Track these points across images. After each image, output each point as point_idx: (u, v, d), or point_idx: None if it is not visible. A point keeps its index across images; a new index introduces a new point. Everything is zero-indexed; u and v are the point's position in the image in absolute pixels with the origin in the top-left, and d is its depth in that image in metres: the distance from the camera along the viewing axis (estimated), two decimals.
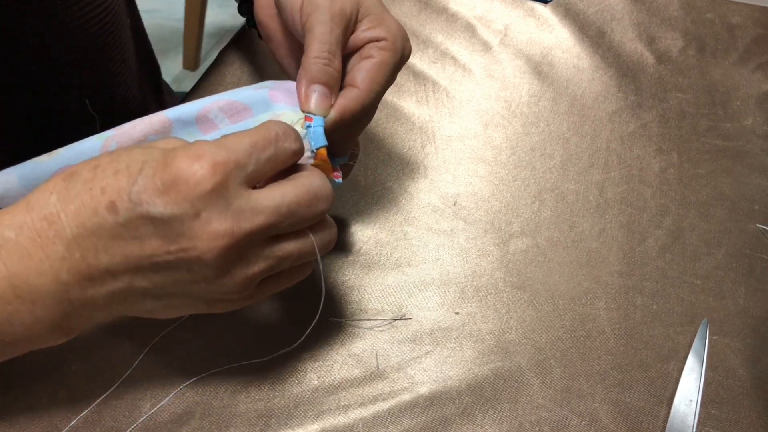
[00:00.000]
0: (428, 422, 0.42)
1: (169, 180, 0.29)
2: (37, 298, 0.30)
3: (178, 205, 0.29)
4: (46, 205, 0.30)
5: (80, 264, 0.30)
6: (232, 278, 0.31)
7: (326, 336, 0.45)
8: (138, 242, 0.30)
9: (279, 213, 0.31)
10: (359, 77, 0.38)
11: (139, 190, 0.29)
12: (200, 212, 0.29)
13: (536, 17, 0.70)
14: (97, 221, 0.29)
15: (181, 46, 1.65)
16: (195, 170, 0.29)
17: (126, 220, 0.29)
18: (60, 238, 0.29)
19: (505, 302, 0.48)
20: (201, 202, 0.29)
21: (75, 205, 0.29)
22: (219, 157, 0.29)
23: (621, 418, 0.43)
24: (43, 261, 0.30)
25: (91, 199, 0.29)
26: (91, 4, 0.47)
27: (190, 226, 0.29)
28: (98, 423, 0.40)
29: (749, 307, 0.49)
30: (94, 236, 0.29)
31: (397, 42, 0.39)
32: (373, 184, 0.55)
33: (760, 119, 0.62)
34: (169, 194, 0.29)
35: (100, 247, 0.30)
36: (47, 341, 0.33)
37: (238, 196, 0.30)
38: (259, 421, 0.41)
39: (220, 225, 0.29)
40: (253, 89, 0.38)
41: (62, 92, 0.49)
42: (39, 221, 0.30)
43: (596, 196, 0.55)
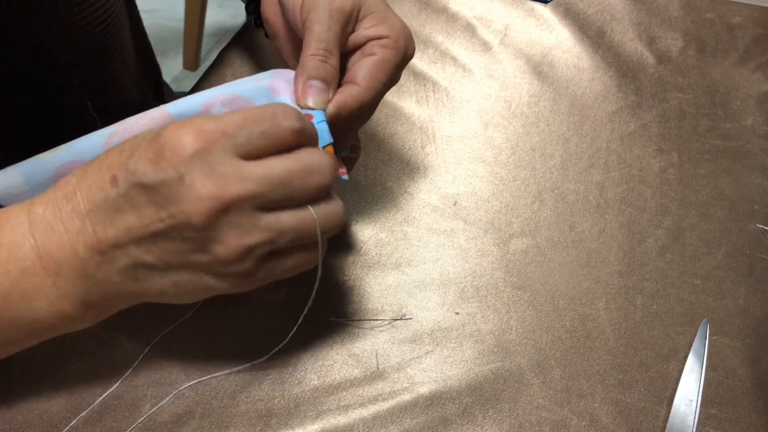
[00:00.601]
0: (428, 422, 0.42)
1: (158, 148, 0.30)
2: (59, 270, 0.32)
3: (165, 171, 0.30)
4: (67, 185, 0.33)
5: (92, 238, 0.32)
6: (227, 248, 0.31)
7: (326, 336, 0.45)
8: (136, 212, 0.31)
9: (269, 181, 0.31)
10: (360, 74, 0.38)
11: (134, 161, 0.31)
12: (184, 176, 0.30)
13: (536, 17, 0.70)
14: (103, 195, 0.31)
15: (181, 46, 1.65)
16: (180, 136, 0.30)
17: (125, 191, 0.31)
18: (76, 212, 0.32)
19: (505, 302, 0.48)
20: (184, 165, 0.30)
21: (87, 183, 0.32)
22: (206, 125, 0.31)
23: (621, 418, 0.43)
24: (62, 234, 0.32)
25: (99, 176, 0.32)
26: (92, 6, 0.47)
27: (177, 190, 0.30)
28: (98, 423, 0.40)
29: (749, 307, 0.49)
30: (102, 210, 0.31)
31: (400, 40, 0.39)
32: (373, 184, 0.55)
33: (760, 119, 0.62)
34: (157, 161, 0.30)
35: (107, 220, 0.32)
36: (75, 321, 0.35)
37: (224, 163, 0.30)
38: (259, 421, 0.41)
39: (204, 188, 0.30)
40: (254, 81, 0.38)
41: (62, 92, 0.49)
42: (61, 199, 0.32)
43: (596, 196, 0.55)
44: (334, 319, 0.46)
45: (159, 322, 0.45)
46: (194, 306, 0.45)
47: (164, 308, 0.45)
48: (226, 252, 0.31)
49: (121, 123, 0.37)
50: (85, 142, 0.37)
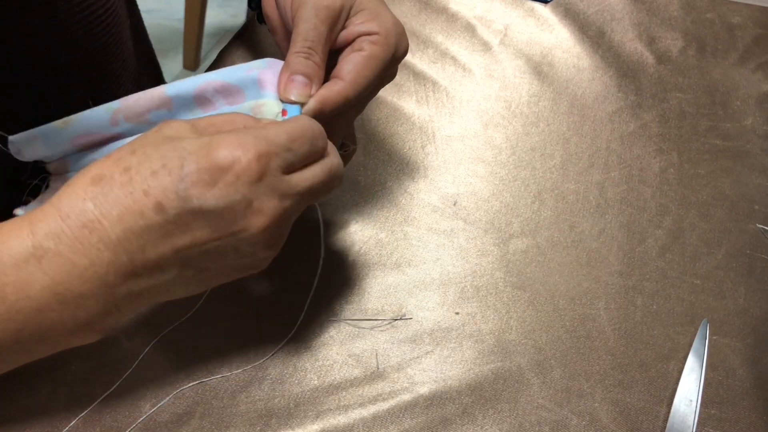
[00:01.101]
0: (428, 422, 0.42)
1: (216, 171, 0.29)
2: (81, 302, 0.30)
3: (230, 196, 0.30)
4: (83, 213, 0.29)
5: (128, 266, 0.30)
6: (274, 249, 0.34)
7: (326, 336, 0.45)
8: (189, 234, 0.30)
9: (311, 193, 0.34)
10: (345, 69, 0.38)
11: (186, 187, 0.29)
12: (252, 201, 0.30)
13: (536, 17, 0.70)
14: (145, 223, 0.29)
15: (181, 46, 1.65)
16: (241, 160, 0.30)
17: (175, 217, 0.29)
18: (104, 243, 0.29)
19: (505, 302, 0.48)
20: (251, 190, 0.30)
21: (117, 211, 0.29)
22: (262, 147, 0.31)
23: (621, 418, 0.43)
24: (87, 268, 0.29)
25: (134, 203, 0.29)
26: (92, 5, 0.47)
27: (243, 213, 0.30)
28: (98, 423, 0.40)
29: (749, 307, 0.49)
30: (142, 237, 0.30)
31: (390, 37, 0.39)
32: (373, 184, 0.55)
33: (760, 119, 0.62)
34: (218, 186, 0.29)
35: (149, 245, 0.30)
36: (82, 340, 0.33)
37: (280, 181, 0.32)
38: (259, 421, 0.41)
39: (269, 208, 0.31)
40: (248, 70, 0.38)
41: (62, 92, 0.49)
42: (78, 229, 0.29)
43: (596, 196, 0.55)
44: (334, 319, 0.46)
45: (159, 322, 0.45)
46: (194, 306, 0.45)
47: (164, 308, 0.45)
48: (271, 252, 0.34)
49: (123, 100, 0.38)
50: (91, 115, 0.38)
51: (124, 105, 0.38)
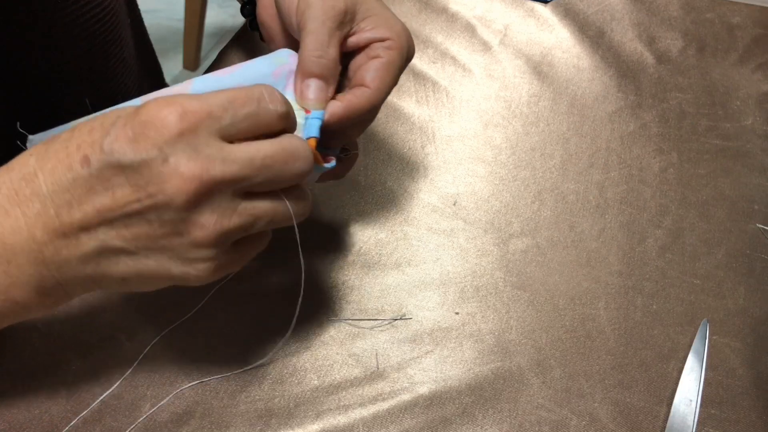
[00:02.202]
0: (428, 422, 0.42)
1: (139, 127, 0.29)
2: (11, 257, 0.31)
3: (147, 151, 0.29)
4: (25, 165, 0.31)
5: (54, 221, 0.30)
6: (204, 230, 0.31)
7: (326, 336, 0.45)
8: (110, 193, 0.30)
9: (252, 165, 0.31)
10: (368, 77, 0.38)
11: (111, 140, 0.29)
12: (168, 156, 0.29)
13: (536, 17, 0.70)
14: (71, 176, 0.30)
15: (181, 46, 1.65)
16: (164, 115, 0.29)
17: (98, 171, 0.29)
18: (36, 195, 0.30)
19: (505, 302, 0.48)
20: (169, 146, 0.29)
21: (51, 163, 0.30)
22: (190, 105, 0.30)
23: (621, 418, 0.43)
24: (18, 218, 0.30)
25: (66, 156, 0.30)
26: (91, 4, 0.48)
27: (159, 171, 0.29)
28: (98, 423, 0.40)
29: (749, 307, 0.49)
30: (68, 191, 0.30)
31: (403, 42, 0.39)
32: (373, 184, 0.55)
33: (760, 119, 0.62)
34: (138, 141, 0.29)
35: (74, 201, 0.30)
36: (27, 309, 0.33)
37: (208, 145, 0.30)
38: (259, 421, 0.41)
39: (188, 169, 0.29)
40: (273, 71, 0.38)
41: (62, 91, 0.49)
42: (18, 180, 0.30)
43: (596, 196, 0.55)
44: (334, 319, 0.46)
45: (159, 322, 0.45)
46: (194, 307, 0.45)
47: (164, 308, 0.45)
48: (202, 235, 0.31)
49: (144, 98, 0.37)
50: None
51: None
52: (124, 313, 0.45)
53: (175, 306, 0.45)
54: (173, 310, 0.45)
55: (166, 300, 0.45)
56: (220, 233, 0.31)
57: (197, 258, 0.32)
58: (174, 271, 0.33)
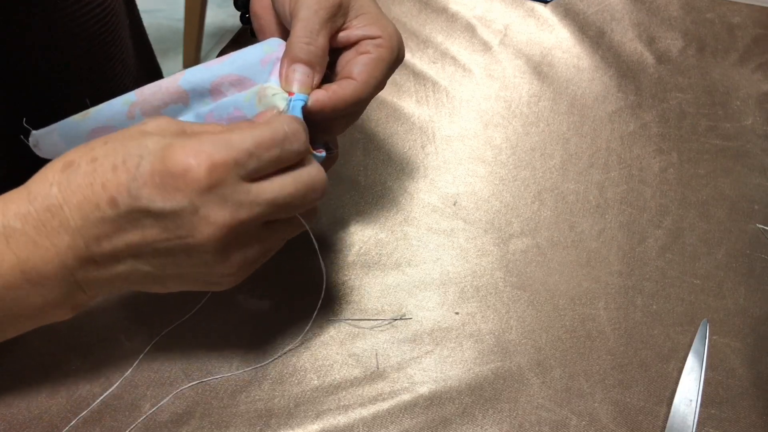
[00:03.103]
0: (428, 422, 0.42)
1: (168, 176, 0.30)
2: (45, 282, 0.32)
3: (177, 201, 0.30)
4: (48, 196, 0.31)
5: (85, 251, 0.31)
6: (230, 262, 0.33)
7: (326, 336, 0.45)
8: (139, 231, 0.31)
9: (276, 204, 0.32)
10: (356, 70, 0.38)
11: (138, 186, 0.30)
12: (198, 208, 0.30)
13: (536, 17, 0.70)
14: (100, 215, 0.31)
15: (181, 46, 1.65)
16: (192, 168, 0.30)
17: (126, 213, 0.30)
18: (64, 228, 0.31)
19: (505, 302, 0.48)
20: (199, 198, 0.30)
21: (77, 199, 0.31)
22: (218, 155, 0.30)
23: (621, 418, 0.43)
24: (49, 249, 0.31)
25: (92, 194, 0.31)
26: (91, 4, 0.48)
27: (189, 219, 0.30)
28: (98, 423, 0.40)
29: (749, 307, 0.49)
30: (97, 227, 0.31)
31: (394, 42, 0.39)
32: (373, 184, 0.55)
33: (760, 119, 0.62)
34: (167, 190, 0.30)
35: (103, 237, 0.31)
36: (56, 317, 0.35)
37: (236, 191, 0.31)
38: (259, 421, 0.41)
39: (218, 218, 0.31)
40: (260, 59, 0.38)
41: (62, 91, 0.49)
42: (43, 212, 0.31)
43: (596, 196, 0.55)
44: (334, 319, 0.46)
45: (159, 322, 0.45)
46: (194, 306, 0.45)
47: (164, 308, 0.45)
48: (228, 266, 0.33)
49: (139, 92, 0.38)
50: (109, 109, 0.38)
51: (140, 98, 0.38)
52: (124, 313, 0.45)
53: (176, 306, 0.45)
54: (173, 310, 0.45)
55: (166, 300, 0.45)
56: (244, 262, 0.34)
57: (221, 282, 0.35)
58: (199, 288, 0.36)
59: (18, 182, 0.46)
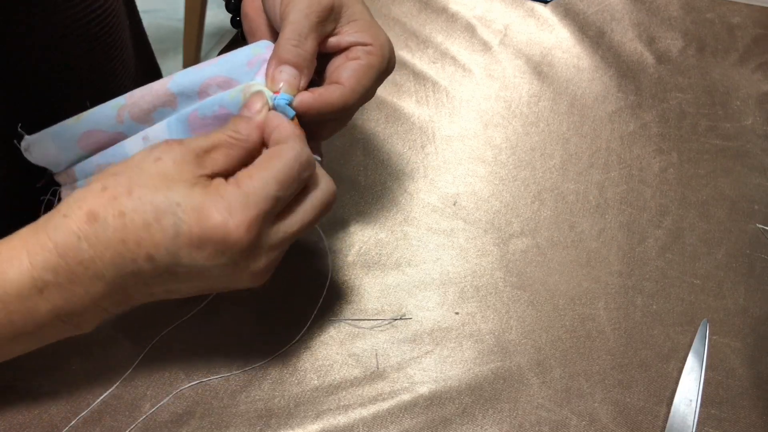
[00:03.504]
0: (428, 422, 0.42)
1: (207, 240, 0.31)
2: (82, 321, 0.34)
3: (217, 259, 0.32)
4: (78, 251, 0.31)
5: (120, 296, 0.34)
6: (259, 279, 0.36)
7: (326, 336, 0.45)
8: (174, 279, 0.33)
9: (301, 232, 0.35)
10: (345, 75, 0.38)
11: (177, 246, 0.31)
12: (238, 263, 0.33)
13: (536, 17, 0.70)
14: (136, 268, 0.32)
15: (181, 46, 1.65)
16: (231, 232, 0.31)
17: (165, 267, 0.32)
18: (100, 280, 0.32)
19: (505, 302, 0.48)
20: (239, 255, 0.32)
21: (110, 254, 0.32)
22: (251, 213, 0.32)
23: (621, 418, 0.43)
24: (83, 296, 0.32)
25: (127, 251, 0.31)
26: (91, 5, 0.47)
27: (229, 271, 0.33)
28: (98, 423, 0.40)
29: (749, 307, 0.49)
30: (134, 278, 0.33)
31: (385, 49, 0.39)
32: (373, 184, 0.55)
33: (760, 119, 0.62)
34: (206, 249, 0.32)
35: (140, 284, 0.33)
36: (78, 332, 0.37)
37: (269, 238, 0.33)
38: (259, 421, 0.41)
39: (257, 267, 0.34)
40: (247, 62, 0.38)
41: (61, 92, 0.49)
42: (75, 266, 0.31)
43: (596, 196, 0.55)
44: (334, 319, 0.46)
45: (159, 322, 0.45)
46: (194, 306, 0.45)
47: (164, 308, 0.45)
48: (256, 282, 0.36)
49: (129, 95, 0.39)
50: (100, 113, 0.39)
51: (130, 101, 0.39)
52: (124, 313, 0.45)
53: (176, 306, 0.45)
54: (173, 310, 0.45)
55: (166, 300, 0.45)
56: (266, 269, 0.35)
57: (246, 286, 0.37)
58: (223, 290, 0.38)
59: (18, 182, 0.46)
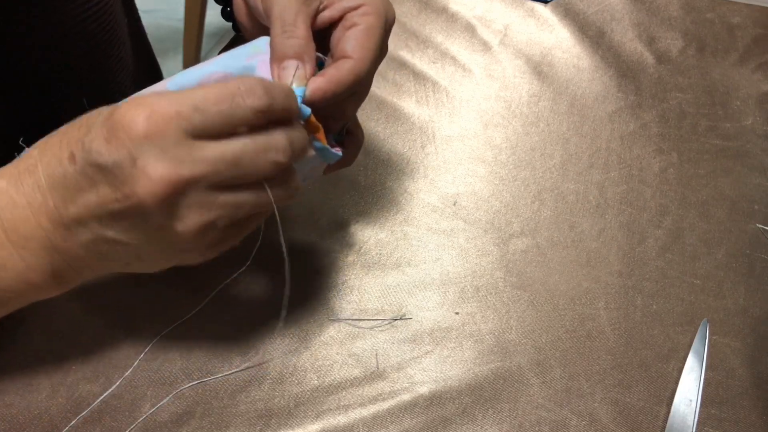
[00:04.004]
0: (428, 422, 0.42)
1: (111, 127, 0.30)
2: (25, 243, 0.32)
3: (118, 152, 0.30)
4: (29, 157, 0.32)
5: (54, 212, 0.32)
6: (186, 225, 0.32)
7: (326, 336, 0.45)
8: (95, 190, 0.31)
9: (222, 163, 0.31)
10: (349, 47, 0.37)
11: (90, 139, 0.30)
12: (136, 158, 0.29)
13: (536, 17, 0.70)
14: (62, 171, 0.31)
15: (181, 46, 1.65)
16: (132, 116, 0.29)
17: (82, 169, 0.31)
18: (38, 187, 0.32)
19: (505, 302, 0.48)
20: (137, 148, 0.29)
21: (47, 157, 0.32)
22: (159, 106, 0.30)
23: (621, 418, 0.43)
24: (25, 208, 0.32)
25: (59, 150, 0.31)
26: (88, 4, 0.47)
27: (130, 172, 0.30)
28: (98, 423, 0.40)
29: (749, 307, 0.49)
30: (62, 186, 0.31)
31: (378, 6, 0.38)
32: (373, 184, 0.55)
33: (760, 119, 0.62)
34: (110, 141, 0.30)
35: (67, 196, 0.31)
36: (45, 290, 0.35)
37: (177, 145, 0.30)
38: (259, 421, 0.41)
39: (156, 171, 0.29)
40: (246, 58, 0.38)
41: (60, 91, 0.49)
42: (23, 172, 0.32)
43: (596, 196, 0.55)
44: (334, 319, 0.46)
45: (159, 322, 0.45)
46: (195, 306, 0.45)
47: (164, 308, 0.45)
48: (185, 229, 0.32)
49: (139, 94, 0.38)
50: None
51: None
52: (124, 313, 0.45)
53: (175, 306, 0.45)
54: (173, 310, 0.45)
55: (166, 299, 0.45)
56: (201, 226, 0.32)
57: (187, 247, 0.34)
58: (174, 255, 0.35)
59: None
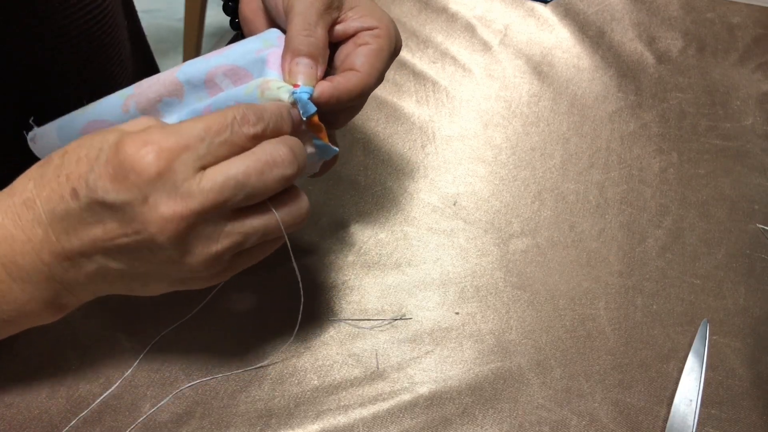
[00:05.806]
0: (428, 422, 0.42)
1: (119, 166, 0.30)
2: (26, 277, 0.32)
3: (128, 191, 0.30)
4: (24, 190, 0.32)
5: (57, 246, 0.32)
6: (195, 257, 0.32)
7: (326, 336, 0.45)
8: (101, 226, 0.31)
9: (228, 187, 0.31)
10: (358, 62, 0.38)
11: (95, 177, 0.30)
12: (148, 197, 0.30)
13: (536, 17, 0.70)
14: (64, 207, 0.31)
15: (181, 46, 1.65)
16: (141, 156, 0.30)
17: (87, 205, 0.30)
18: (38, 222, 0.31)
19: (505, 302, 0.48)
20: (148, 187, 0.30)
21: (47, 192, 0.31)
22: (166, 142, 0.30)
23: (621, 418, 0.43)
24: (25, 243, 0.32)
25: (58, 186, 0.31)
26: (89, 5, 0.48)
27: (141, 211, 0.30)
28: (98, 423, 0.40)
29: (749, 307, 0.49)
30: (64, 221, 0.31)
31: (391, 32, 0.39)
32: (373, 184, 0.55)
33: (760, 119, 0.62)
34: (119, 180, 0.30)
35: (71, 231, 0.31)
36: (43, 318, 0.35)
37: (186, 179, 0.30)
38: (259, 421, 0.41)
39: (168, 208, 0.30)
40: (255, 51, 0.38)
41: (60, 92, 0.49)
42: (19, 205, 0.32)
43: (596, 196, 0.55)
44: (334, 319, 0.46)
45: (159, 322, 0.45)
46: (194, 306, 0.45)
47: (164, 308, 0.45)
48: (195, 261, 0.32)
49: (137, 85, 0.38)
50: (106, 103, 0.38)
51: (137, 91, 0.38)
52: (124, 313, 0.45)
53: (175, 306, 0.45)
54: (173, 310, 0.45)
55: (166, 300, 0.45)
56: (211, 257, 0.32)
57: (196, 277, 0.34)
58: (179, 285, 0.35)
59: None
